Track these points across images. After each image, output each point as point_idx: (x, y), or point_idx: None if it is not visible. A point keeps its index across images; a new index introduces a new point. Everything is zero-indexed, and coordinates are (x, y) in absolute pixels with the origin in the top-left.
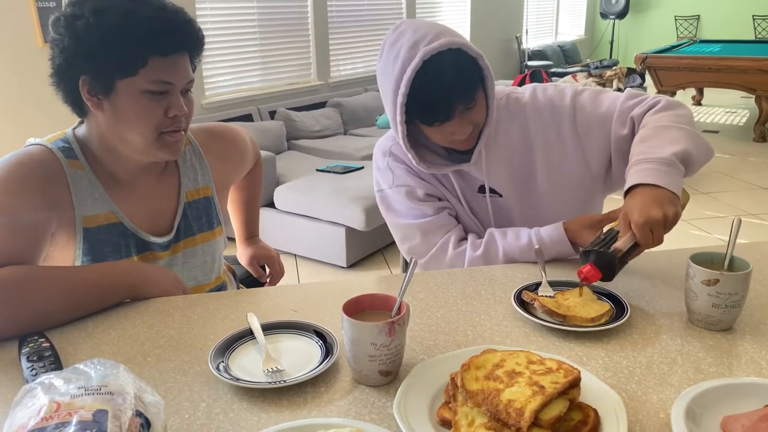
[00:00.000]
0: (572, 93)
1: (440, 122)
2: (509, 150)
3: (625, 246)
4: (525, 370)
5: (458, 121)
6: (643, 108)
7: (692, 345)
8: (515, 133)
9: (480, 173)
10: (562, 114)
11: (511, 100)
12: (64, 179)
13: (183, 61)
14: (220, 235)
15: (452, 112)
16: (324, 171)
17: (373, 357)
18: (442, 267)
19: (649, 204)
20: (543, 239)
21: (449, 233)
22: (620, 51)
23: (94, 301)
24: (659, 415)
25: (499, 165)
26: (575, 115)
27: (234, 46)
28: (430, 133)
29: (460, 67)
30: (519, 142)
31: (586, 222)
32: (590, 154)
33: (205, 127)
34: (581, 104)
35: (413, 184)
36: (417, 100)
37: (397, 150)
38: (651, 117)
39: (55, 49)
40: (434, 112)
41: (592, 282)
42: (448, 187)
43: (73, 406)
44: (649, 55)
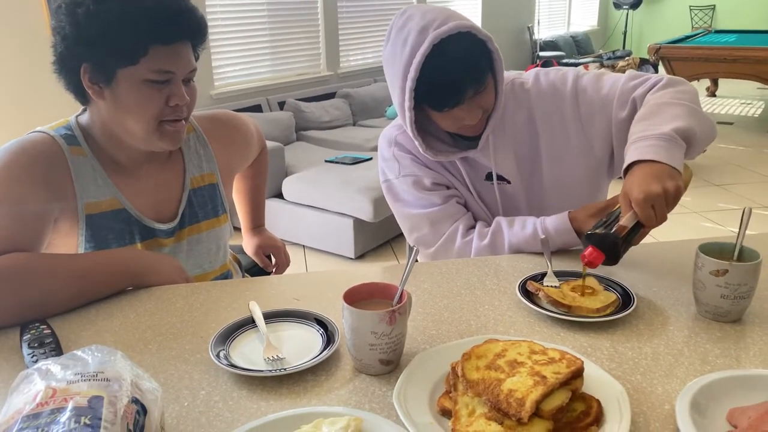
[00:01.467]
0: (574, 76)
1: (450, 107)
2: (516, 136)
3: (627, 224)
4: (527, 360)
5: (468, 106)
6: (644, 88)
7: (699, 336)
8: (521, 118)
9: (487, 160)
10: (564, 98)
11: (516, 85)
12: (65, 166)
13: (185, 49)
14: (225, 222)
15: (462, 97)
16: (333, 162)
17: (374, 346)
18: (450, 257)
19: (648, 179)
20: (548, 229)
21: (457, 222)
22: (633, 41)
23: (97, 289)
24: (664, 407)
25: (506, 151)
26: (577, 99)
27: (243, 36)
28: (439, 119)
29: (470, 50)
30: (525, 128)
31: (591, 210)
32: (594, 138)
33: (210, 115)
34: (582, 87)
35: (420, 173)
36: (426, 85)
37: (403, 139)
38: (652, 95)
39: (57, 37)
40: (444, 97)
41: (596, 265)
42: (456, 174)
43: (69, 392)
44: (663, 46)
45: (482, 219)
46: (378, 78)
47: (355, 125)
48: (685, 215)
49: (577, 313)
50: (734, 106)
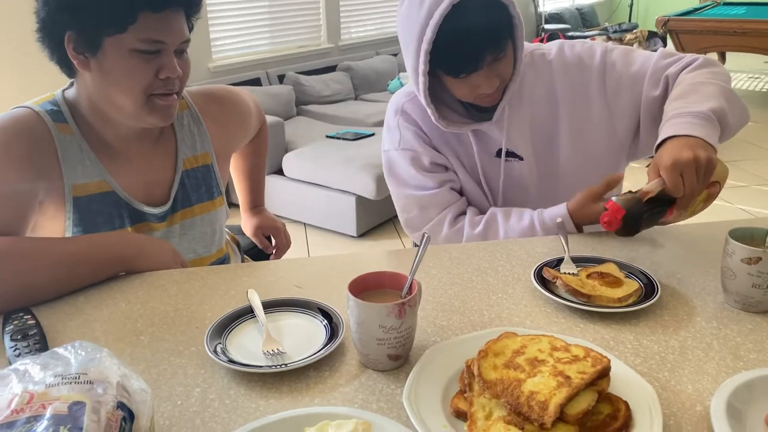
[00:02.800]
0: (602, 50)
1: (467, 73)
2: (533, 109)
3: (651, 189)
4: (549, 358)
5: (485, 73)
6: (678, 66)
7: (729, 328)
8: (540, 91)
9: (500, 133)
10: (591, 72)
11: (536, 56)
12: (51, 144)
13: (177, 18)
14: (221, 205)
15: (480, 63)
16: (334, 137)
17: (382, 340)
18: (437, 243)
19: (680, 148)
20: (545, 222)
21: (446, 210)
22: (640, 14)
23: (85, 275)
24: (695, 408)
25: (522, 124)
26: (605, 73)
27: (242, 7)
28: (454, 87)
29: (491, 13)
30: (544, 101)
31: (588, 197)
32: (618, 116)
33: (205, 91)
34: (612, 62)
35: (420, 149)
36: (443, 49)
37: (411, 108)
38: (687, 75)
39: (38, 2)
40: (462, 62)
41: (615, 227)
42: (465, 149)
43: (48, 397)
44: (671, 18)
45: (481, 201)
46: (380, 51)
47: (357, 99)
48: None
49: (598, 303)
50: (743, 81)
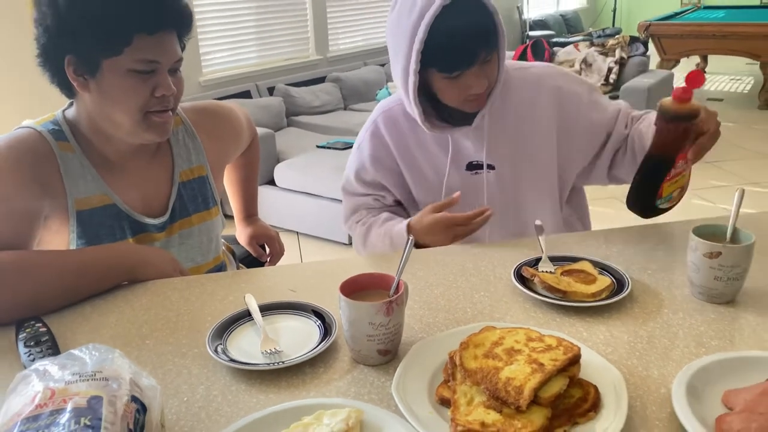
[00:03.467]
0: (589, 85)
1: (462, 70)
2: (511, 120)
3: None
4: (524, 348)
5: (477, 72)
6: (643, 114)
7: (694, 318)
8: (521, 106)
9: (476, 143)
10: (580, 100)
11: (521, 72)
12: (54, 162)
13: (170, 39)
14: (217, 215)
15: (475, 59)
16: (324, 147)
17: (372, 336)
18: (353, 239)
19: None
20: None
21: (361, 213)
22: (623, 19)
23: (91, 285)
24: (660, 391)
25: (498, 134)
26: (591, 105)
27: (230, 22)
28: (445, 89)
29: (481, 13)
30: (522, 115)
31: (426, 210)
32: (585, 142)
33: (198, 106)
34: (596, 98)
35: (368, 166)
36: (437, 47)
37: (383, 122)
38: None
39: (39, 29)
40: (457, 59)
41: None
42: (433, 159)
43: (68, 393)
44: (653, 23)
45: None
46: (368, 61)
47: (346, 109)
48: None
49: (573, 299)
50: (724, 82)
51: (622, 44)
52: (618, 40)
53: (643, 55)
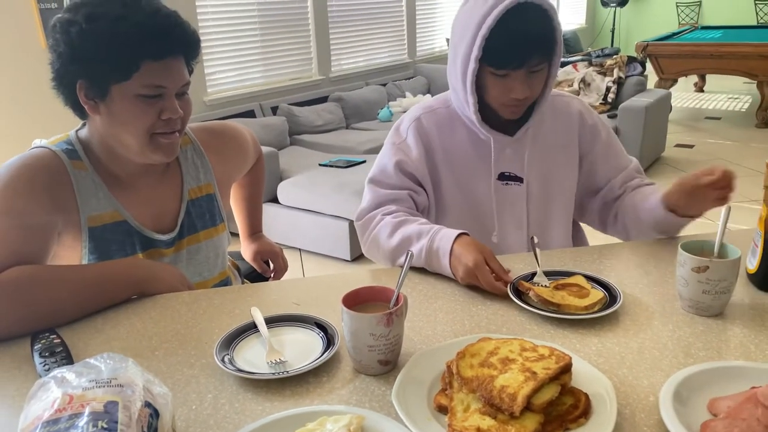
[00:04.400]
0: (609, 130)
1: (511, 69)
2: (545, 141)
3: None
4: (518, 357)
5: (523, 77)
6: (642, 182)
7: (683, 330)
8: (556, 129)
9: (514, 153)
10: (600, 138)
11: (557, 101)
12: (68, 180)
13: (177, 64)
14: (223, 231)
15: (525, 61)
16: (327, 165)
17: (372, 347)
18: (365, 237)
19: None
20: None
21: (392, 205)
22: (622, 39)
23: (102, 298)
24: (649, 399)
25: (534, 152)
26: (607, 147)
27: (235, 42)
28: (491, 84)
29: (546, 24)
30: (556, 139)
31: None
32: (590, 179)
33: (206, 126)
34: (611, 143)
35: (412, 157)
36: (498, 40)
37: (426, 119)
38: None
39: (53, 54)
40: (510, 56)
41: None
42: (468, 166)
43: (85, 398)
44: (650, 43)
45: (468, 221)
46: (370, 81)
47: (348, 128)
48: None
49: (566, 311)
50: (722, 101)
51: (620, 64)
52: (616, 60)
53: (641, 74)
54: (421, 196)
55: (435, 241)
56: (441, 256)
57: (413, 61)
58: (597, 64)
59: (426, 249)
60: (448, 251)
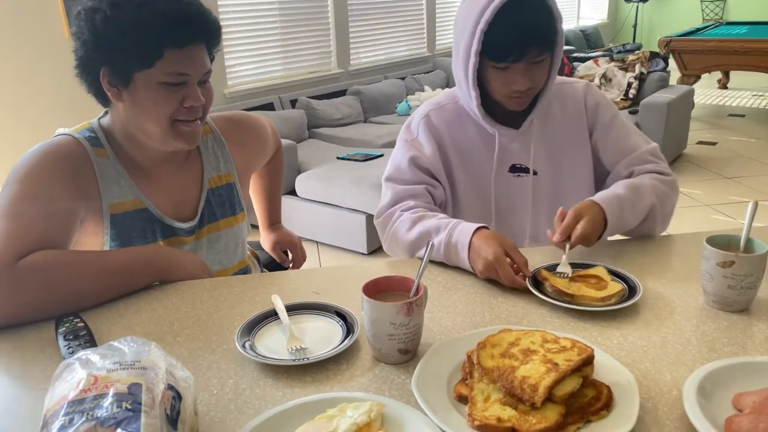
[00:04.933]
0: (615, 112)
1: (510, 61)
2: (554, 131)
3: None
4: (540, 349)
5: (523, 68)
6: (653, 168)
7: (707, 325)
8: (564, 117)
9: (521, 147)
10: (601, 122)
11: (564, 87)
12: (90, 168)
13: (199, 52)
14: (243, 220)
15: (525, 54)
16: (344, 159)
17: (392, 336)
18: (384, 232)
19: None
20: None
21: (410, 201)
22: (644, 35)
23: (125, 284)
24: (672, 393)
25: (542, 143)
26: (608, 130)
27: (255, 35)
28: (492, 77)
29: (544, 15)
30: (565, 127)
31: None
32: (596, 164)
33: (227, 116)
34: (616, 125)
35: (426, 153)
36: (496, 33)
37: (435, 116)
38: (652, 180)
39: (77, 42)
40: (509, 49)
41: None
42: (478, 159)
43: (110, 380)
44: (673, 39)
45: (480, 215)
46: (389, 75)
47: (366, 122)
48: (696, 208)
49: (581, 302)
50: (746, 98)
51: (642, 59)
52: (638, 55)
53: (663, 70)
54: (438, 190)
55: (453, 235)
56: (459, 250)
57: (432, 54)
58: (618, 59)
59: (444, 243)
60: (467, 245)
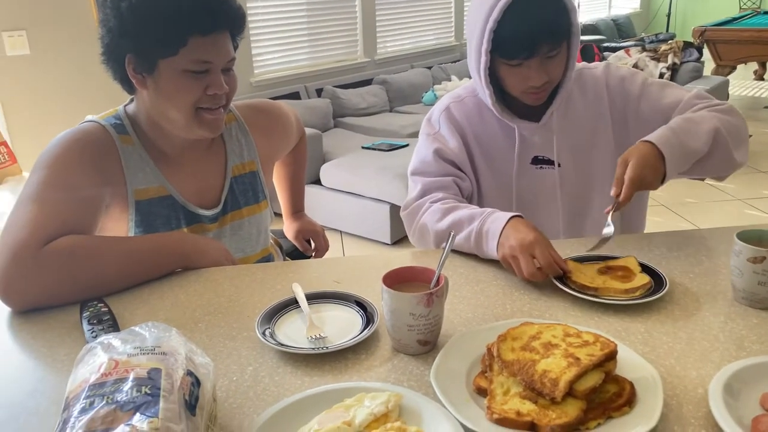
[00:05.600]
0: (643, 78)
1: (522, 59)
2: (576, 119)
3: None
4: (561, 343)
5: (537, 64)
6: (706, 105)
7: (735, 322)
8: (584, 104)
9: (542, 139)
10: (630, 96)
11: (584, 74)
12: (116, 154)
13: (223, 39)
14: (266, 208)
15: (536, 50)
16: (369, 148)
17: (412, 327)
18: (412, 225)
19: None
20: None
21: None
22: (678, 24)
23: (148, 270)
24: (697, 390)
25: (564, 132)
26: (641, 99)
27: (282, 24)
28: (507, 75)
29: (555, 9)
30: (586, 114)
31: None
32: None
33: (251, 104)
34: (649, 91)
35: (449, 146)
36: (505, 31)
37: (456, 109)
38: (707, 112)
39: (103, 29)
40: (518, 47)
41: None
42: (502, 152)
43: (130, 364)
44: (708, 28)
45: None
46: (415, 64)
47: (392, 111)
48: (728, 202)
49: (605, 295)
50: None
51: (675, 49)
52: (671, 45)
53: (697, 61)
54: (465, 182)
55: (486, 223)
56: (490, 239)
57: (460, 43)
58: (651, 49)
59: (476, 231)
60: (498, 233)
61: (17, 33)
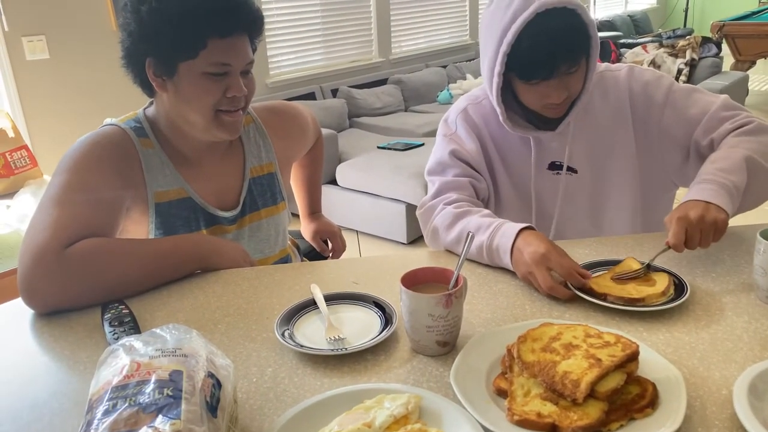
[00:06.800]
0: (669, 84)
1: (539, 80)
2: (596, 125)
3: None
4: (582, 344)
5: (556, 83)
6: (731, 126)
7: (759, 322)
8: (605, 109)
9: (560, 145)
10: (653, 102)
11: (606, 77)
12: (136, 157)
13: (242, 42)
14: (284, 209)
15: (554, 71)
16: (385, 148)
17: (431, 328)
18: (426, 225)
19: (692, 208)
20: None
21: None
22: (696, 20)
23: (168, 271)
24: (721, 392)
25: (583, 138)
26: (665, 106)
27: (297, 25)
28: (524, 93)
29: (571, 27)
30: (607, 119)
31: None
32: (668, 147)
33: (268, 106)
34: (674, 99)
35: (466, 147)
36: (521, 53)
37: (473, 111)
38: (732, 139)
39: (123, 33)
40: (536, 68)
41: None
42: (519, 156)
43: (152, 366)
44: (727, 23)
45: (523, 213)
46: (430, 63)
47: (407, 111)
48: None
49: (648, 303)
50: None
51: (693, 45)
52: (689, 40)
53: (716, 56)
54: (481, 184)
55: (495, 239)
56: (502, 255)
57: (475, 42)
58: (668, 45)
59: (486, 246)
60: (509, 249)
61: (36, 38)
